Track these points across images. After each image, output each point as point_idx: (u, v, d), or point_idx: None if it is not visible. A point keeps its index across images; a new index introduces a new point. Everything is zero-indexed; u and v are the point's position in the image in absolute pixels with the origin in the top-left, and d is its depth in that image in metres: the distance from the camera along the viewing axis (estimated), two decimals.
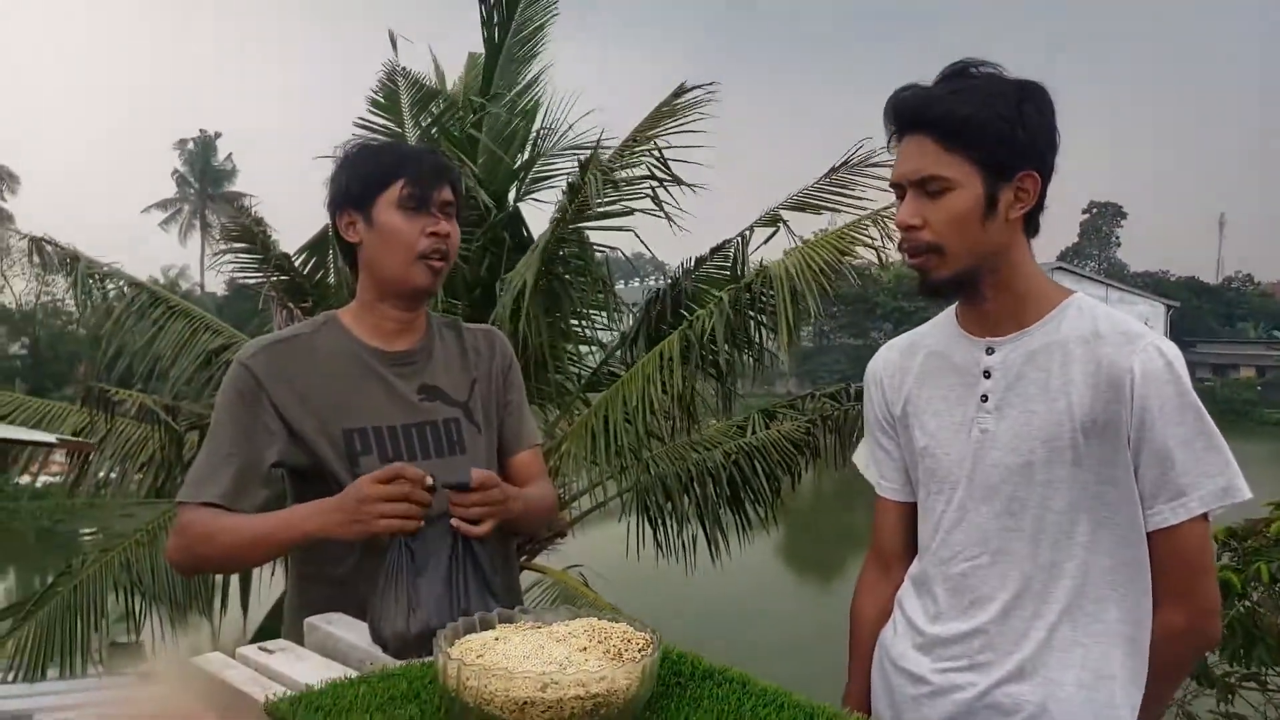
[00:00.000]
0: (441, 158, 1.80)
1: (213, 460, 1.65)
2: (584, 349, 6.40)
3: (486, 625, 1.16)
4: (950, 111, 1.37)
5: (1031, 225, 1.44)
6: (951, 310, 1.54)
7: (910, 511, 1.59)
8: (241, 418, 1.66)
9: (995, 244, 1.40)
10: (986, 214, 1.38)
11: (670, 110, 5.56)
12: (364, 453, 1.67)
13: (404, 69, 6.22)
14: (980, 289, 1.44)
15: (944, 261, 1.41)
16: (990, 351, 1.46)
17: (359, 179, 1.73)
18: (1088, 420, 1.36)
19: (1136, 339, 1.37)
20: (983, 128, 1.35)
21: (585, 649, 1.08)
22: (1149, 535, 1.37)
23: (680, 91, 5.57)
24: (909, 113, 1.40)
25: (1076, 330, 1.40)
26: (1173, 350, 1.37)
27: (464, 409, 1.79)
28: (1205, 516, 1.36)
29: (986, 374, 1.45)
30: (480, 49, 6.44)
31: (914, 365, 1.56)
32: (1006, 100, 1.36)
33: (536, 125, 6.40)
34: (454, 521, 1.48)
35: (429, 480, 1.48)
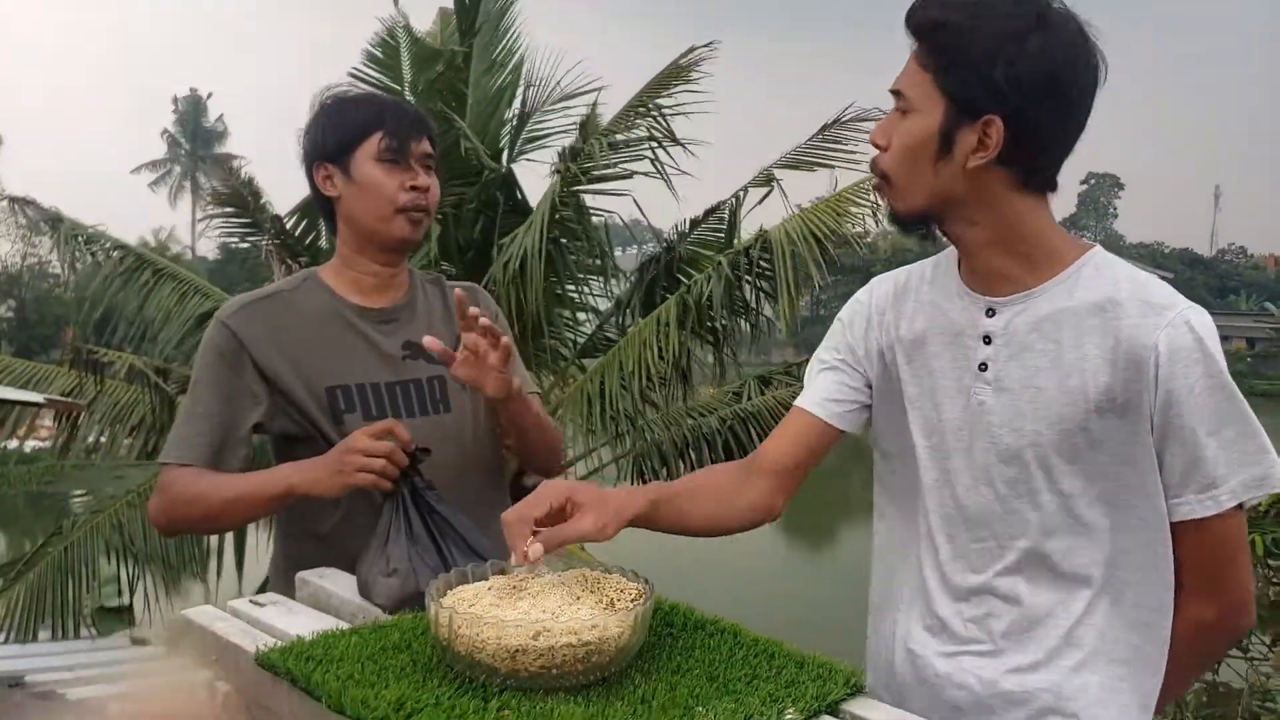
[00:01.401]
0: (420, 110, 1.76)
1: (193, 421, 1.63)
2: (580, 315, 6.38)
3: (478, 576, 1.15)
4: (931, 17, 1.18)
5: (1034, 179, 1.21)
6: (953, 253, 1.33)
7: (823, 439, 1.39)
8: (222, 378, 1.64)
9: (949, 191, 1.20)
10: (940, 153, 1.18)
11: (675, 71, 5.50)
12: (348, 410, 1.65)
13: (405, 24, 6.13)
14: (957, 239, 1.26)
15: (895, 195, 1.24)
16: (991, 314, 1.26)
17: (335, 132, 1.68)
18: (1104, 401, 1.18)
19: (1163, 310, 1.17)
20: (957, 48, 1.15)
21: (579, 598, 1.07)
22: (1173, 525, 1.21)
23: (687, 53, 5.52)
24: (910, 9, 1.21)
25: (1092, 295, 1.20)
26: (1205, 323, 1.17)
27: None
28: (1240, 507, 1.20)
29: (986, 339, 1.25)
30: (449, 3, 6.32)
31: (906, 309, 1.36)
32: (1008, 23, 1.13)
33: (524, 81, 6.32)
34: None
35: (412, 446, 1.48)
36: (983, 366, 1.26)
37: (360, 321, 1.70)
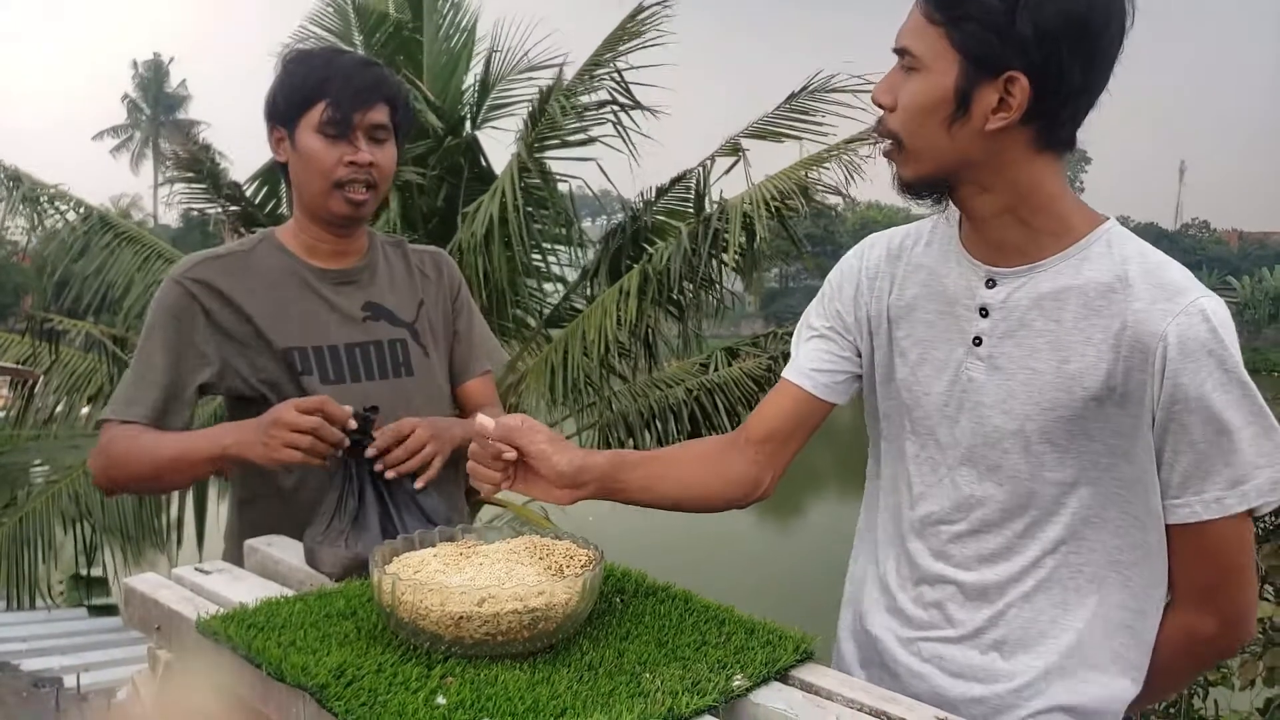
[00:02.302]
0: (377, 72, 1.67)
1: (139, 380, 1.59)
2: (548, 286, 6.33)
3: (426, 543, 1.13)
4: None
5: (1053, 138, 1.10)
6: (953, 216, 1.23)
7: (812, 411, 1.32)
8: (172, 338, 1.59)
9: (965, 154, 1.09)
10: (955, 114, 1.07)
11: (626, 32, 5.43)
12: (305, 373, 1.61)
13: None
14: (966, 204, 1.15)
15: (904, 158, 1.13)
16: (991, 284, 1.16)
17: (285, 95, 1.62)
18: (1102, 389, 1.09)
19: (1177, 295, 1.06)
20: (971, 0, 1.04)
21: (526, 565, 1.05)
22: (1171, 528, 1.12)
23: (636, 12, 5.44)
24: None
25: (1101, 274, 1.10)
26: (1221, 313, 1.06)
27: (410, 330, 1.73)
28: (1250, 512, 1.09)
29: (983, 312, 1.16)
30: None
31: (899, 273, 1.26)
32: None
33: (482, 45, 6.23)
34: (389, 472, 1.41)
35: (352, 423, 1.39)
36: (977, 341, 1.17)
37: (318, 283, 1.66)
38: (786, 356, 1.40)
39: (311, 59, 1.66)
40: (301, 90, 1.60)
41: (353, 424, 1.40)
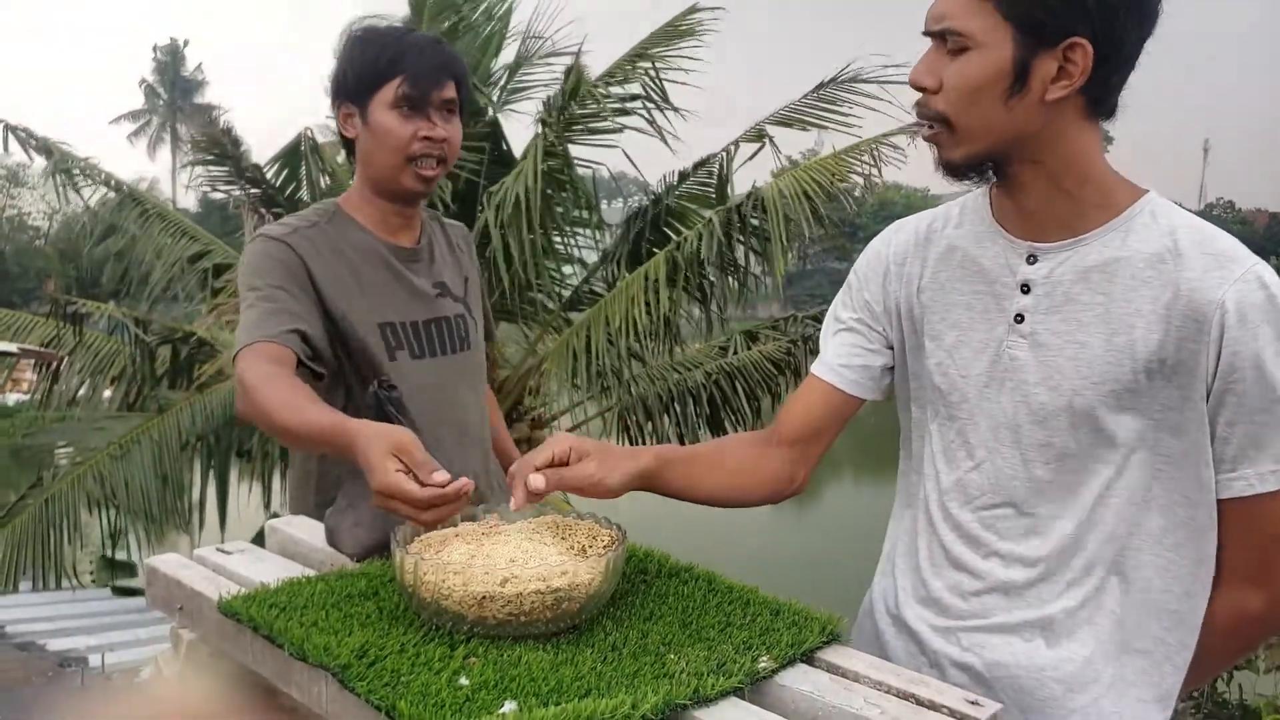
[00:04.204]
0: (447, 50, 1.67)
1: (267, 307, 1.48)
2: (566, 269, 6.33)
3: (448, 523, 1.12)
4: None
5: (1101, 106, 1.09)
6: (985, 194, 1.20)
7: (842, 407, 1.30)
8: (290, 283, 1.52)
9: (1022, 128, 1.07)
10: (1013, 88, 1.05)
11: (676, 30, 5.44)
12: (398, 348, 1.62)
13: None
14: (1015, 179, 1.12)
15: (954, 140, 1.09)
16: (1032, 260, 1.13)
17: (356, 72, 1.61)
18: (1154, 361, 1.06)
19: (1230, 263, 1.04)
20: None
21: (549, 545, 1.04)
22: (1222, 502, 1.09)
23: (691, 11, 5.44)
24: None
25: (1148, 245, 1.08)
26: (1276, 280, 1.05)
27: (465, 305, 1.76)
28: None
29: (1025, 288, 1.13)
30: None
31: (930, 257, 1.24)
32: None
33: (514, 28, 6.21)
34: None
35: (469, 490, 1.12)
36: (1019, 318, 1.14)
37: (394, 260, 1.67)
38: (806, 339, 1.39)
39: (383, 36, 1.66)
40: (375, 66, 1.60)
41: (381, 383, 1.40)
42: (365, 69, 1.61)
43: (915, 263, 1.25)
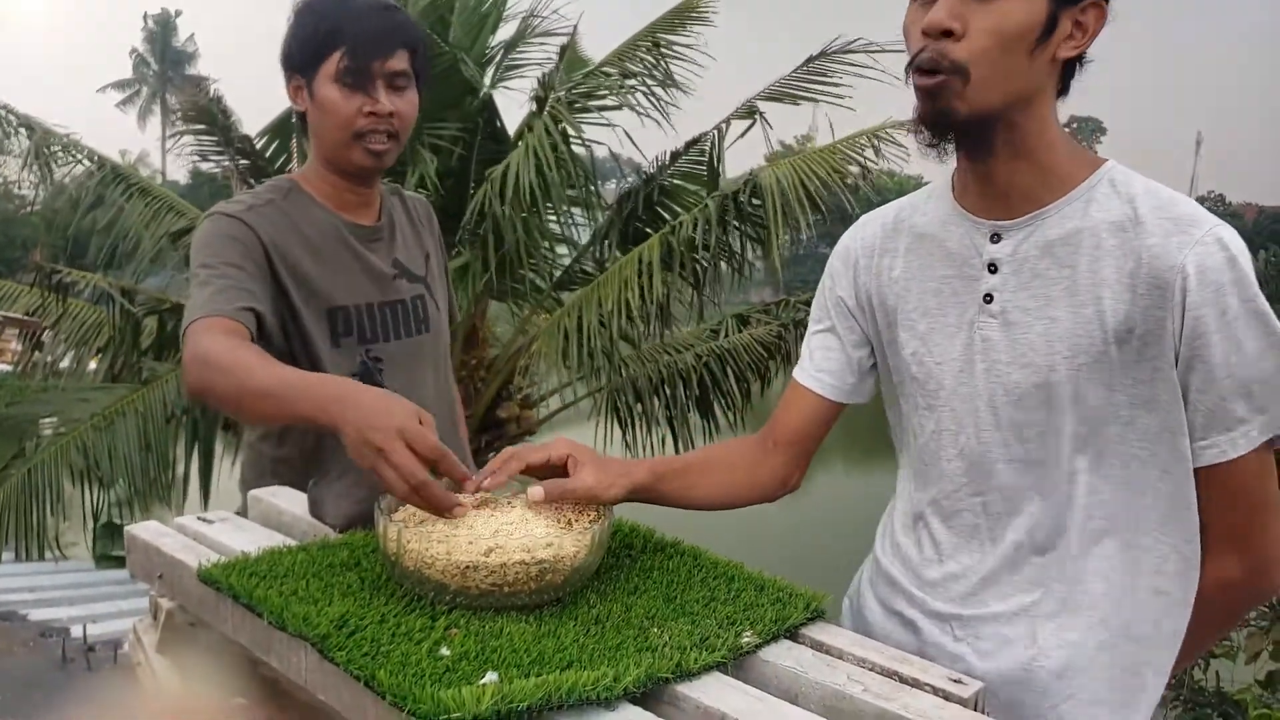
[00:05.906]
0: (395, 16, 1.58)
1: (217, 282, 1.42)
2: (559, 249, 6.30)
3: None
4: None
5: (1072, 78, 1.11)
6: (947, 179, 1.21)
7: (827, 411, 1.31)
8: (247, 262, 1.46)
9: (1031, 84, 1.06)
10: (1040, 38, 1.03)
11: (683, 17, 5.44)
12: (345, 334, 1.57)
13: None
14: (992, 145, 1.10)
15: (965, 93, 1.04)
16: (996, 239, 1.13)
17: (299, 44, 1.56)
18: (1123, 330, 1.05)
19: (1190, 226, 1.04)
20: None
21: (534, 517, 1.03)
22: (1198, 472, 1.09)
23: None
24: None
25: (1109, 213, 1.07)
26: (1236, 242, 1.04)
27: (425, 284, 1.70)
28: (1270, 444, 1.07)
29: (991, 267, 1.13)
30: None
31: (899, 247, 1.23)
32: None
33: (512, 4, 6.18)
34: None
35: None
36: (988, 298, 1.13)
37: (353, 239, 1.61)
38: (797, 324, 1.39)
39: (325, 4, 1.57)
40: (315, 39, 1.54)
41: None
42: (307, 40, 1.54)
43: (885, 254, 1.25)
